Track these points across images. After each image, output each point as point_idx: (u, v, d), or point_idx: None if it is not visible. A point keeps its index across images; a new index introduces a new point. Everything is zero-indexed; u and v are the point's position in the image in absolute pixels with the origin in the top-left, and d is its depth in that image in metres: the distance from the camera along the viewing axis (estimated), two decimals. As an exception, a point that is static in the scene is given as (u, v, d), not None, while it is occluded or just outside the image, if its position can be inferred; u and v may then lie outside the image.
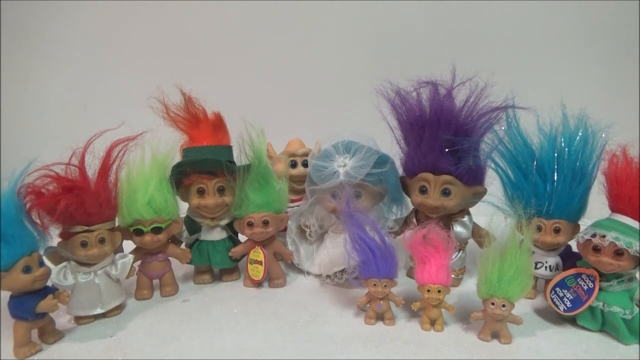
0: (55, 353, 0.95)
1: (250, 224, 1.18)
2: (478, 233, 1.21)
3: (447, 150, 1.09)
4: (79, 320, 1.06)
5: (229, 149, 1.26)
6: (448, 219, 1.18)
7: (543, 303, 1.11)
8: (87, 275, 1.04)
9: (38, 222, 0.95)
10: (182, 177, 1.18)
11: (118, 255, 1.10)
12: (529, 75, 1.80)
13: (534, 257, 1.10)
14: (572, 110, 1.09)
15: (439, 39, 1.87)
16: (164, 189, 1.13)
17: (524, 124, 1.11)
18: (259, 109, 1.19)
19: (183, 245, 1.27)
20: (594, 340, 0.97)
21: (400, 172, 1.22)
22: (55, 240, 1.02)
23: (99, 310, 1.05)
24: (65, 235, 1.02)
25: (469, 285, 1.21)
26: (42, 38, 1.95)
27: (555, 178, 1.05)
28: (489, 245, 0.97)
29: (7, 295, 0.93)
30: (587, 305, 0.97)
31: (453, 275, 1.13)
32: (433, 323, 1.01)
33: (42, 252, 0.96)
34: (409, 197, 1.20)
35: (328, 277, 1.25)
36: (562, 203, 1.05)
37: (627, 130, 1.01)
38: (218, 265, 1.27)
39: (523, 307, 1.09)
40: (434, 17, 1.88)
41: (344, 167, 1.14)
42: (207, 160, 1.17)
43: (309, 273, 1.31)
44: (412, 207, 1.25)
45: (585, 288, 0.98)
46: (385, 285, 1.01)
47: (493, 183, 1.16)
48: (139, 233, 1.12)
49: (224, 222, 1.26)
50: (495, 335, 0.97)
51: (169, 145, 1.19)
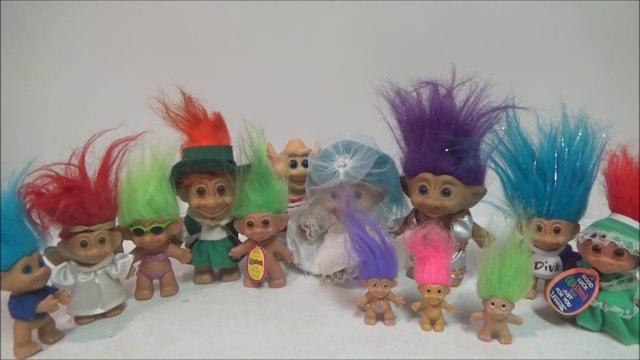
0: (55, 353, 0.95)
1: (250, 224, 1.18)
2: (478, 233, 1.21)
3: (447, 150, 1.09)
4: (79, 320, 1.06)
5: (229, 149, 1.26)
6: (448, 219, 1.18)
7: (543, 303, 1.11)
8: (87, 275, 1.04)
9: (38, 222, 0.95)
10: (182, 177, 1.18)
11: (118, 255, 1.10)
12: (529, 75, 1.80)
13: (534, 257, 1.10)
14: (572, 110, 1.08)
15: (439, 39, 1.87)
16: (164, 189, 1.13)
17: (524, 124, 1.11)
18: (259, 109, 1.19)
19: (183, 245, 1.27)
20: (594, 341, 0.96)
21: (400, 172, 1.22)
22: (55, 240, 1.02)
23: (99, 310, 1.05)
24: (65, 235, 1.02)
25: (469, 285, 1.21)
26: (42, 38, 1.95)
27: (555, 178, 1.05)
28: (489, 245, 0.97)
29: (7, 295, 0.93)
30: (587, 305, 0.97)
31: (453, 275, 1.13)
32: (433, 323, 1.01)
33: (42, 252, 0.96)
34: (409, 197, 1.20)
35: (328, 277, 1.25)
36: (562, 203, 1.05)
37: (627, 130, 1.01)
38: (218, 265, 1.27)
39: (523, 307, 1.09)
40: (434, 17, 1.88)
41: (344, 167, 1.14)
42: (207, 160, 1.17)
43: (309, 273, 1.31)
44: (412, 207, 1.25)
45: (585, 288, 0.98)
46: (385, 285, 1.01)
47: (493, 183, 1.16)
48: (139, 233, 1.12)
49: (224, 222, 1.26)
50: (495, 335, 0.97)
51: (169, 145, 1.19)
